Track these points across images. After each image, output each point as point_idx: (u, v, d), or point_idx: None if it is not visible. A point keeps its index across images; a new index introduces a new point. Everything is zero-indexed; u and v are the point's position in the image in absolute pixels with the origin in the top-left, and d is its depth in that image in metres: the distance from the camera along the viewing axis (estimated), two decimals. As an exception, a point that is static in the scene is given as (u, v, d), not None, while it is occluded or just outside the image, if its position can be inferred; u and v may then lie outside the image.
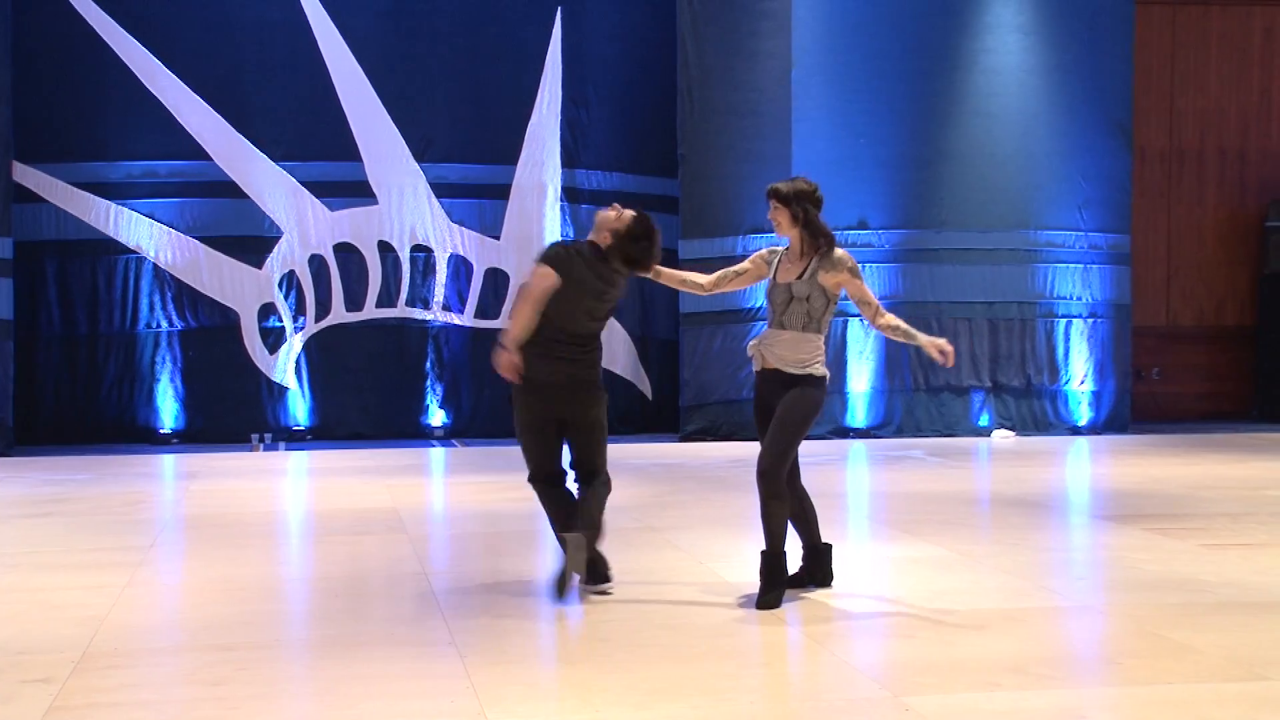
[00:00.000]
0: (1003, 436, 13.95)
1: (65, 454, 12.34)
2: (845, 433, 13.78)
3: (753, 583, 6.19)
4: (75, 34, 13.19)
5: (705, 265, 13.64)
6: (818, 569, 6.18)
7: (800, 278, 5.90)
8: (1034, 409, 14.26)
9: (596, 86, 14.38)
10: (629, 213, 6.08)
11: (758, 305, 13.74)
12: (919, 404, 14.03)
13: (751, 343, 6.09)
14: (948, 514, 8.50)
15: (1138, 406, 15.07)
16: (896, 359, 13.93)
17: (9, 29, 12.69)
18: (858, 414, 13.93)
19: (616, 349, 14.42)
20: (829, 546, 6.23)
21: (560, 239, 5.07)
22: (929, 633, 5.31)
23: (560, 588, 5.82)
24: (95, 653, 4.99)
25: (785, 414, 5.84)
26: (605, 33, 14.39)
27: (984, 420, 14.17)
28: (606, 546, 6.19)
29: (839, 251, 5.94)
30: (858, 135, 13.83)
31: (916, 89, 13.94)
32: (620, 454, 12.33)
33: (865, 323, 13.84)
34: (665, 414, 14.23)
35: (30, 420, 13.19)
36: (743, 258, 13.52)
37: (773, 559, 5.84)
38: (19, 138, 12.91)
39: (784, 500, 5.88)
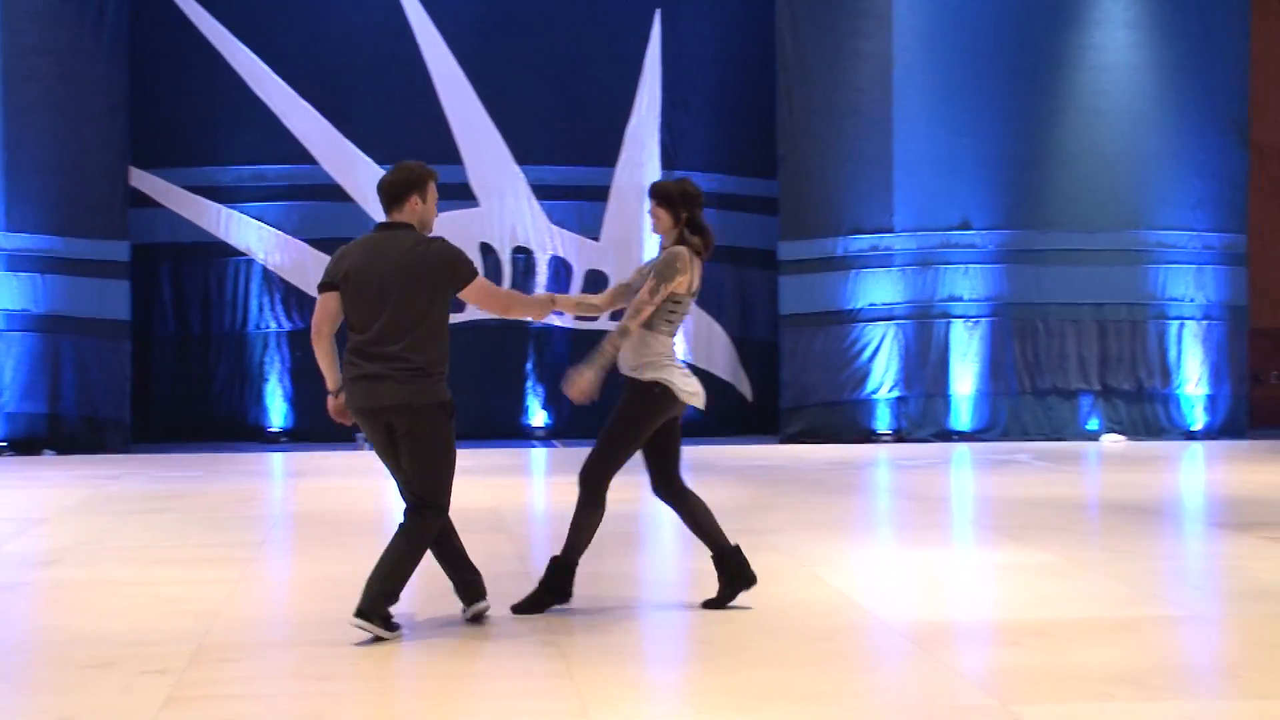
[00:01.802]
0: (1113, 441, 13.65)
1: (179, 452, 12.65)
2: (948, 436, 13.60)
3: (857, 588, 6.14)
4: (189, 43, 13.53)
5: (804, 266, 13.70)
6: (736, 574, 5.74)
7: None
8: (1145, 413, 13.94)
9: (695, 88, 14.38)
10: None
11: (859, 306, 13.63)
12: (1025, 407, 13.80)
13: None
14: (1056, 520, 8.34)
15: (1256, 411, 14.64)
16: (1001, 361, 13.72)
17: (127, 40, 13.06)
18: (962, 417, 13.74)
19: (715, 350, 14.40)
20: (738, 548, 5.81)
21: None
22: (1038, 641, 5.20)
23: None
24: (210, 645, 5.10)
25: (610, 419, 5.63)
26: (704, 34, 14.39)
27: (1093, 424, 13.88)
28: (705, 548, 6.16)
29: (676, 248, 5.58)
30: (960, 134, 13.65)
31: (1021, 87, 13.72)
32: (720, 456, 12.35)
33: (969, 325, 13.71)
34: (765, 416, 14.17)
35: (146, 418, 13.55)
36: (842, 259, 13.63)
37: (558, 567, 5.67)
38: (135, 144, 13.27)
39: (595, 510, 5.61)
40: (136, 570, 6.71)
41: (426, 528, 5.39)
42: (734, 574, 5.74)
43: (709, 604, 5.74)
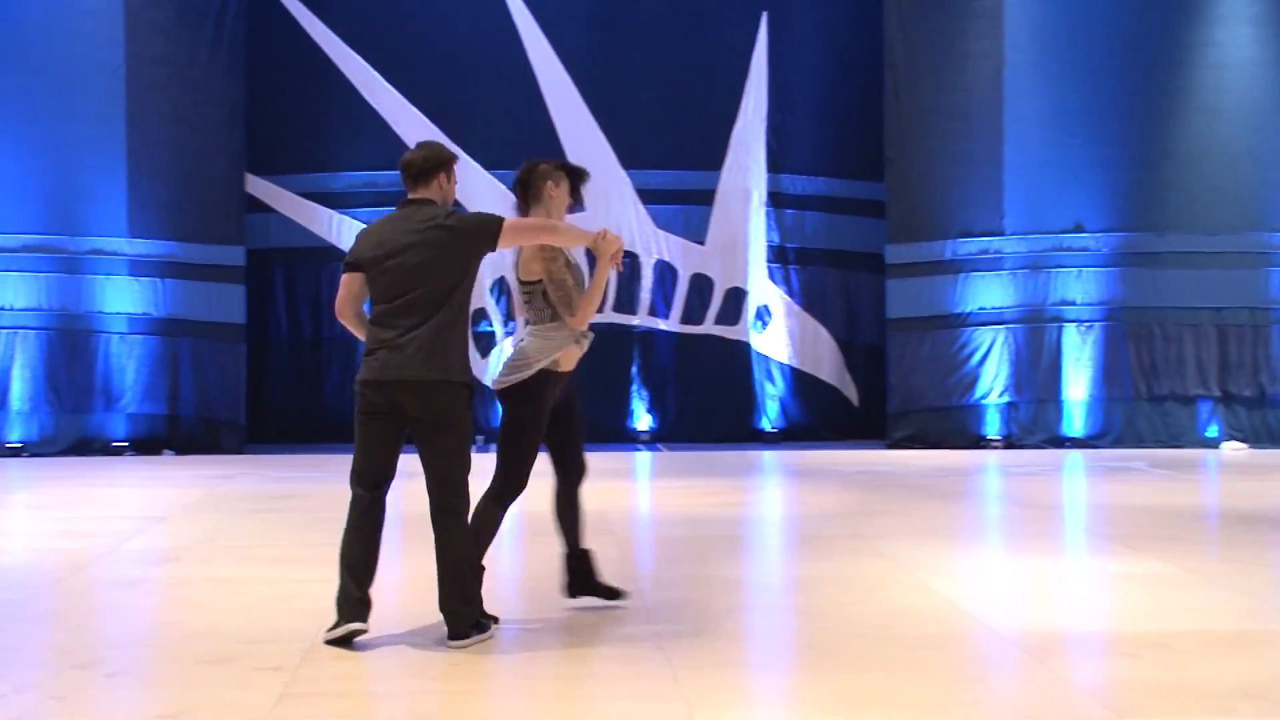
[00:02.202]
0: (1234, 449, 13.26)
1: (292, 453, 12.91)
2: (1060, 442, 13.33)
3: (965, 595, 6.05)
4: (303, 53, 13.81)
5: (912, 269, 13.55)
6: (585, 577, 5.73)
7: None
8: (1269, 420, 13.51)
9: (801, 90, 14.30)
10: None
11: (968, 310, 13.44)
12: (1140, 413, 13.47)
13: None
14: (1173, 529, 8.12)
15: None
16: (1115, 366, 13.42)
17: (243, 50, 13.39)
18: (1074, 423, 13.45)
19: (821, 353, 14.30)
20: (586, 552, 5.77)
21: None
22: (1155, 653, 5.07)
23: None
24: (322, 643, 5.19)
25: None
26: (811, 37, 14.30)
27: (1212, 431, 13.50)
28: (810, 553, 6.11)
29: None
30: (1073, 135, 13.38)
31: (1136, 86, 13.40)
32: (826, 460, 12.27)
33: (1083, 329, 13.44)
34: (871, 420, 14.04)
35: (261, 420, 13.85)
36: (951, 263, 13.45)
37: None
38: (251, 152, 13.59)
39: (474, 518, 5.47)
40: (252, 568, 6.86)
41: (456, 536, 5.20)
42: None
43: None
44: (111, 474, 11.33)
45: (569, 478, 5.73)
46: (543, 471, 5.66)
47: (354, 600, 5.14)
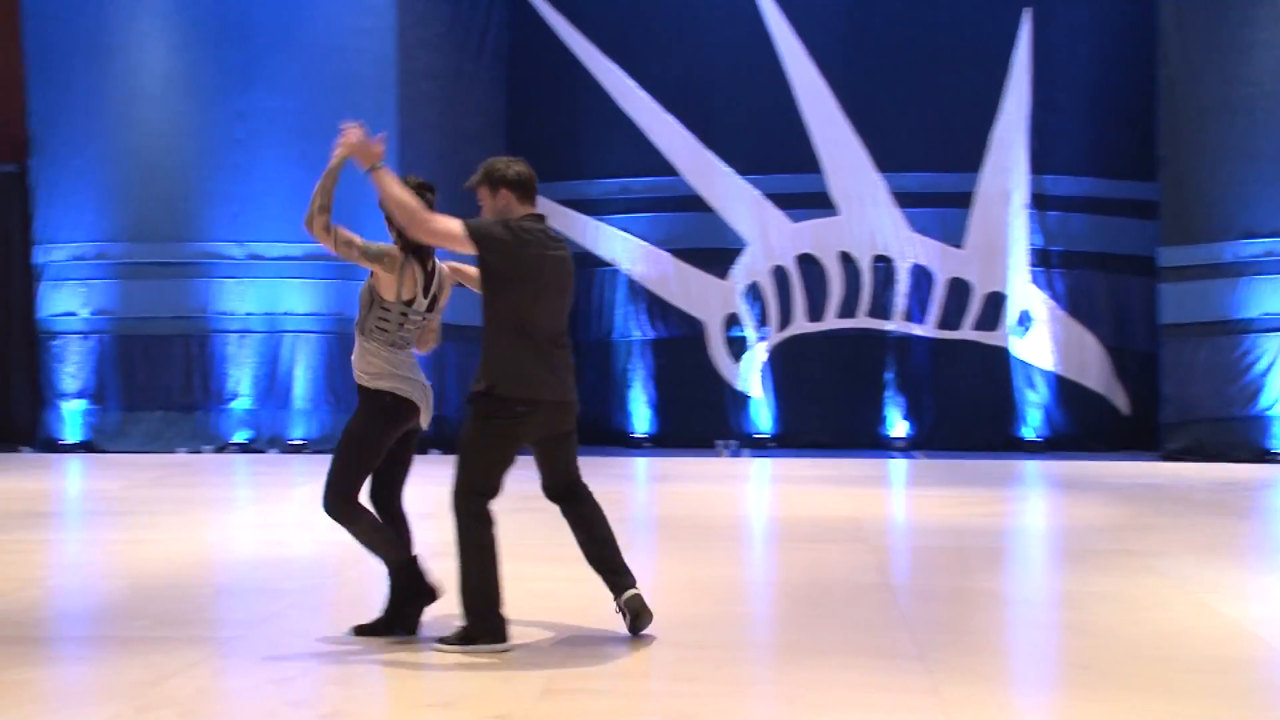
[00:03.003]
0: None
1: (545, 453, 13.19)
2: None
3: (1254, 618, 5.66)
4: (561, 63, 14.14)
5: (1188, 273, 12.81)
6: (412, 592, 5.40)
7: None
8: None
9: (1067, 88, 13.74)
10: None
11: (1251, 316, 12.62)
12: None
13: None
14: None
15: None
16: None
17: (505, 62, 13.81)
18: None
19: (1088, 361, 13.71)
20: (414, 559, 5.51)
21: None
22: None
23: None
24: (580, 641, 5.28)
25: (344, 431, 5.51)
26: (1077, 32, 13.73)
27: None
28: (1079, 567, 5.83)
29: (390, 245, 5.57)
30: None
31: None
32: (1093, 471, 11.74)
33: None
34: (1142, 430, 13.35)
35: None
36: (1232, 266, 12.64)
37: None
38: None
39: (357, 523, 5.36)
40: (511, 566, 6.98)
41: (458, 531, 5.15)
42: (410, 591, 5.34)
43: (363, 630, 5.32)
44: (381, 471, 11.82)
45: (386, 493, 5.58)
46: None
47: (502, 620, 5.09)
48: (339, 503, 5.30)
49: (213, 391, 13.46)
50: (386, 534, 5.40)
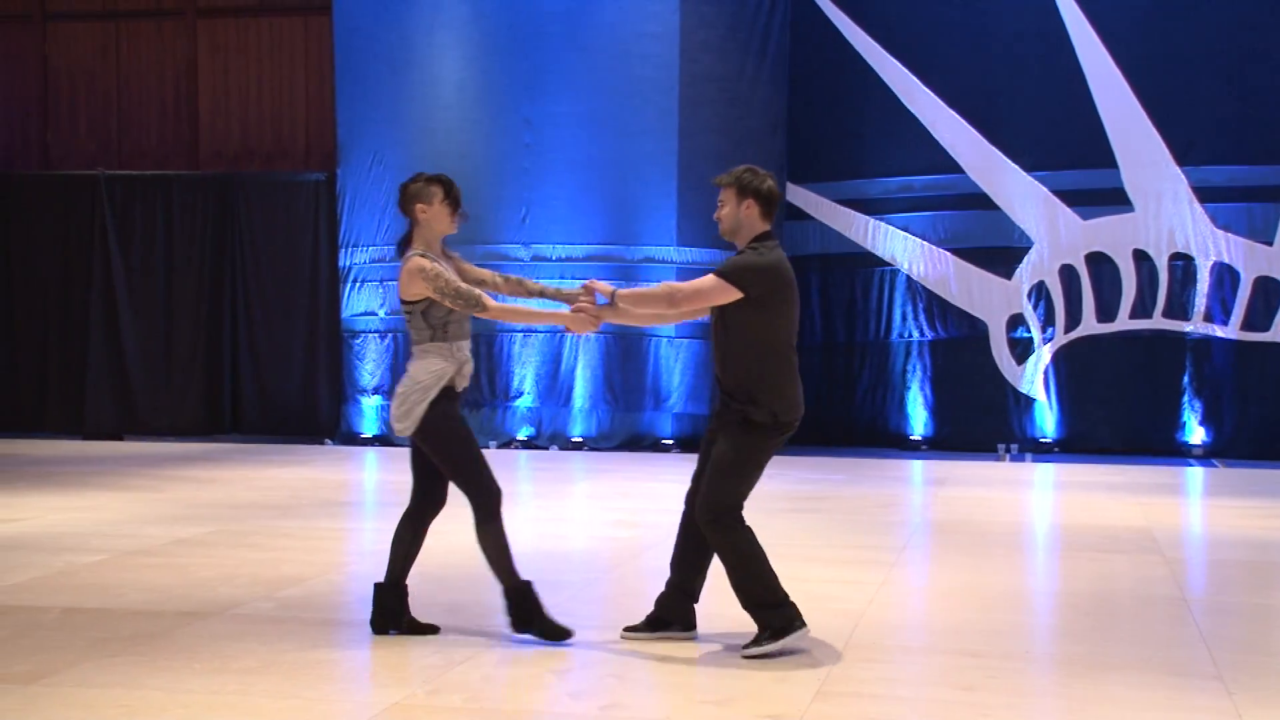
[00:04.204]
0: None
1: (823, 455, 13.14)
2: None
3: None
4: (843, 61, 14.03)
5: None
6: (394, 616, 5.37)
7: None
8: None
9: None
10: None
11: None
12: None
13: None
14: None
15: None
16: None
17: (786, 62, 13.82)
18: None
19: None
20: (404, 587, 5.42)
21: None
22: None
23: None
24: (855, 644, 5.24)
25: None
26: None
27: None
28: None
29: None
30: None
31: None
32: None
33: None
34: None
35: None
36: None
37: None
38: (790, 160, 14.00)
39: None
40: (785, 567, 6.98)
41: (724, 549, 5.15)
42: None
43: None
44: (658, 469, 12.06)
45: (425, 508, 5.39)
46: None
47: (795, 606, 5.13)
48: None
49: (499, 389, 14.01)
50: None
